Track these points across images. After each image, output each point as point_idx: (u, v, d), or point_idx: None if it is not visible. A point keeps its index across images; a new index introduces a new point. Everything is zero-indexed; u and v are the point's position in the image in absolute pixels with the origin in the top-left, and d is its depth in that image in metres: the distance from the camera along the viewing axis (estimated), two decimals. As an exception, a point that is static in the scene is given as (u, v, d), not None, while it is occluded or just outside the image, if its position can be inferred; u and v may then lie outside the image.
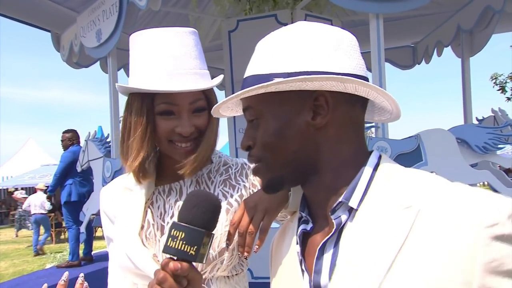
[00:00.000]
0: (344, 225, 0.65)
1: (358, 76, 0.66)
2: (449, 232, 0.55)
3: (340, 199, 0.66)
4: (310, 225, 0.73)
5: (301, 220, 0.75)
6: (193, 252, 0.67)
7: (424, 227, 0.57)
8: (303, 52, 0.67)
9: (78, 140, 6.29)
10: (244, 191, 1.05)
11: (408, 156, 2.61)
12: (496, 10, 3.65)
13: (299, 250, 0.72)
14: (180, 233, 0.68)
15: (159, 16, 4.90)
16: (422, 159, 2.60)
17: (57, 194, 7.68)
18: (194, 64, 0.99)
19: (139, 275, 0.97)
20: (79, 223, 5.66)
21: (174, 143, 1.00)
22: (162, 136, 0.99)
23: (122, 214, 1.05)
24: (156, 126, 0.99)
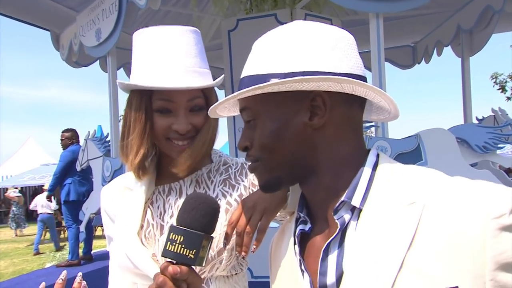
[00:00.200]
0: (347, 225, 0.65)
1: (355, 75, 0.66)
2: (456, 225, 0.55)
3: (342, 198, 0.65)
4: (309, 225, 0.72)
5: (299, 221, 0.75)
6: (192, 256, 0.67)
7: (431, 222, 0.57)
8: (300, 52, 0.66)
9: (78, 139, 6.29)
10: (243, 190, 1.04)
11: (408, 155, 2.61)
12: (496, 10, 3.65)
13: (297, 250, 0.72)
14: (179, 236, 0.68)
15: (159, 15, 4.90)
16: (422, 158, 2.60)
17: (57, 193, 7.68)
18: (193, 62, 0.99)
19: (138, 275, 0.97)
20: (78, 222, 5.66)
21: (171, 141, 0.99)
22: (159, 133, 0.99)
23: (122, 214, 1.04)
24: (153, 123, 0.99)
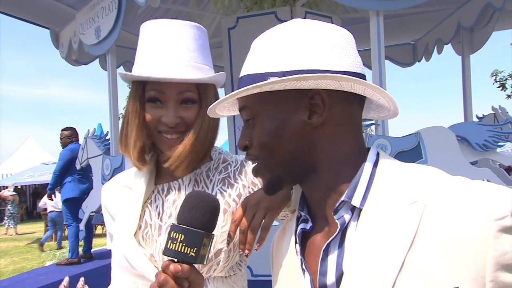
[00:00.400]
0: (347, 224, 0.65)
1: (354, 73, 0.66)
2: (458, 226, 0.55)
3: (342, 198, 0.65)
4: (310, 224, 0.72)
5: (300, 219, 0.75)
6: (193, 254, 0.68)
7: (432, 222, 0.57)
8: (298, 50, 0.66)
9: (77, 138, 6.29)
10: (242, 190, 1.03)
11: (408, 153, 2.61)
12: (497, 8, 3.64)
13: (298, 249, 0.71)
14: (180, 235, 0.68)
15: (159, 13, 4.89)
16: (422, 156, 2.60)
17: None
18: (190, 56, 0.98)
19: (137, 275, 0.97)
20: (78, 221, 5.66)
21: (162, 134, 0.99)
22: (151, 125, 0.99)
23: (121, 213, 1.04)
24: (145, 114, 0.99)
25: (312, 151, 0.68)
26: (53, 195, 7.29)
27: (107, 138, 3.92)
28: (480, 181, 0.60)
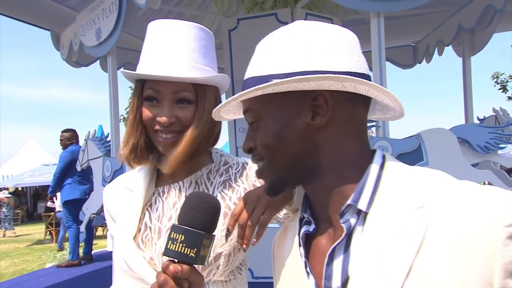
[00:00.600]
0: (353, 228, 0.64)
1: (358, 74, 0.65)
2: (466, 232, 0.54)
3: (349, 201, 0.64)
4: (313, 226, 0.71)
5: (303, 221, 0.74)
6: (193, 254, 0.68)
7: (439, 228, 0.56)
8: (301, 52, 0.66)
9: (77, 139, 6.28)
10: (243, 193, 1.02)
11: (409, 155, 2.60)
12: (497, 9, 3.64)
13: (302, 252, 0.71)
14: (180, 235, 0.68)
15: (160, 15, 4.89)
16: (423, 158, 2.59)
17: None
18: (190, 56, 0.97)
19: (136, 278, 0.96)
20: (79, 223, 5.66)
21: (157, 133, 0.98)
22: (146, 123, 0.99)
23: (121, 216, 1.04)
24: (142, 112, 0.99)
25: (315, 152, 0.68)
26: (54, 197, 7.30)
27: (108, 140, 3.92)
28: (488, 186, 0.59)
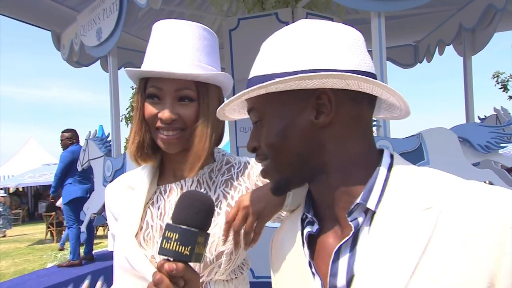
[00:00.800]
0: (360, 227, 0.64)
1: (362, 72, 0.65)
2: (473, 233, 0.54)
3: (358, 200, 0.64)
4: (316, 226, 0.71)
5: (305, 222, 0.74)
6: (187, 252, 0.68)
7: (447, 229, 0.56)
8: (305, 50, 0.65)
9: (77, 139, 6.29)
10: (245, 192, 1.02)
11: (410, 155, 2.60)
12: (498, 9, 3.63)
13: (307, 252, 0.70)
14: (174, 234, 0.69)
15: (160, 15, 4.89)
16: (424, 158, 2.59)
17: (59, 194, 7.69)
18: (193, 55, 0.98)
19: (138, 276, 0.96)
20: (79, 222, 5.66)
21: (159, 131, 0.99)
22: (149, 121, 0.99)
23: (123, 214, 1.04)
24: (144, 110, 1.00)
25: (320, 151, 0.68)
26: (56, 197, 7.30)
27: (109, 139, 3.92)
28: (496, 186, 0.59)
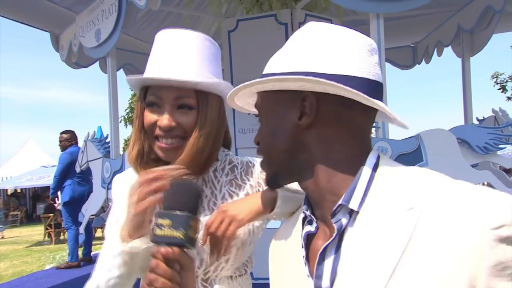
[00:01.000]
0: (345, 228, 0.64)
1: (357, 78, 0.65)
2: (453, 234, 0.54)
3: (340, 201, 0.64)
4: (315, 225, 0.71)
5: (305, 221, 0.74)
6: (182, 236, 0.70)
7: (427, 229, 0.56)
8: (301, 53, 0.68)
9: (76, 140, 6.28)
10: (250, 190, 1.05)
11: (409, 156, 2.60)
12: (497, 10, 3.64)
13: (304, 254, 0.70)
14: (166, 220, 0.70)
15: (159, 16, 4.90)
16: (422, 159, 2.59)
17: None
18: (193, 63, 0.98)
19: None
20: (78, 224, 5.65)
21: (157, 139, 0.99)
22: (147, 129, 1.00)
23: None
24: (143, 118, 1.01)
25: (305, 151, 0.69)
26: (56, 198, 7.29)
27: (107, 141, 3.92)
28: (482, 187, 0.58)
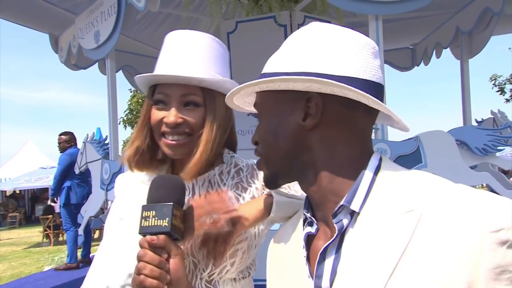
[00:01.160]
0: (346, 229, 0.64)
1: (360, 80, 0.65)
2: (452, 236, 0.54)
3: (342, 202, 0.64)
4: (315, 226, 0.71)
5: (305, 222, 0.74)
6: (166, 224, 0.72)
7: (426, 232, 0.56)
8: (304, 53, 0.67)
9: (75, 142, 6.30)
10: (255, 192, 1.05)
11: (408, 158, 2.60)
12: (495, 12, 3.64)
13: (305, 254, 0.70)
14: (151, 212, 0.73)
15: (159, 18, 4.90)
16: (421, 161, 2.59)
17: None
18: (200, 62, 1.00)
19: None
20: (77, 225, 5.65)
21: (164, 137, 1.00)
22: (154, 126, 1.00)
23: (134, 208, 1.03)
24: (150, 116, 1.02)
25: (307, 152, 0.69)
26: (55, 199, 7.27)
27: (106, 142, 3.91)
28: (482, 190, 0.59)
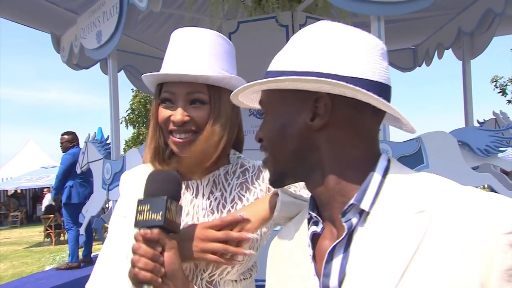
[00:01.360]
0: (354, 228, 0.64)
1: (368, 81, 0.64)
2: (465, 238, 0.54)
3: (352, 201, 0.64)
4: (321, 226, 0.71)
5: (310, 222, 0.74)
6: (159, 217, 0.73)
7: (438, 233, 0.56)
8: (314, 52, 0.67)
9: (78, 142, 6.33)
10: (260, 194, 1.04)
11: (410, 158, 2.60)
12: (497, 13, 3.64)
13: (311, 253, 0.70)
14: (146, 206, 0.74)
15: (161, 18, 4.90)
16: (423, 161, 2.59)
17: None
18: (206, 59, 0.99)
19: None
20: (78, 225, 5.66)
21: (171, 135, 1.00)
22: (162, 125, 1.01)
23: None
24: (158, 115, 1.03)
25: (315, 152, 0.69)
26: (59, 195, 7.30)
27: (108, 142, 3.91)
28: (490, 193, 0.59)
